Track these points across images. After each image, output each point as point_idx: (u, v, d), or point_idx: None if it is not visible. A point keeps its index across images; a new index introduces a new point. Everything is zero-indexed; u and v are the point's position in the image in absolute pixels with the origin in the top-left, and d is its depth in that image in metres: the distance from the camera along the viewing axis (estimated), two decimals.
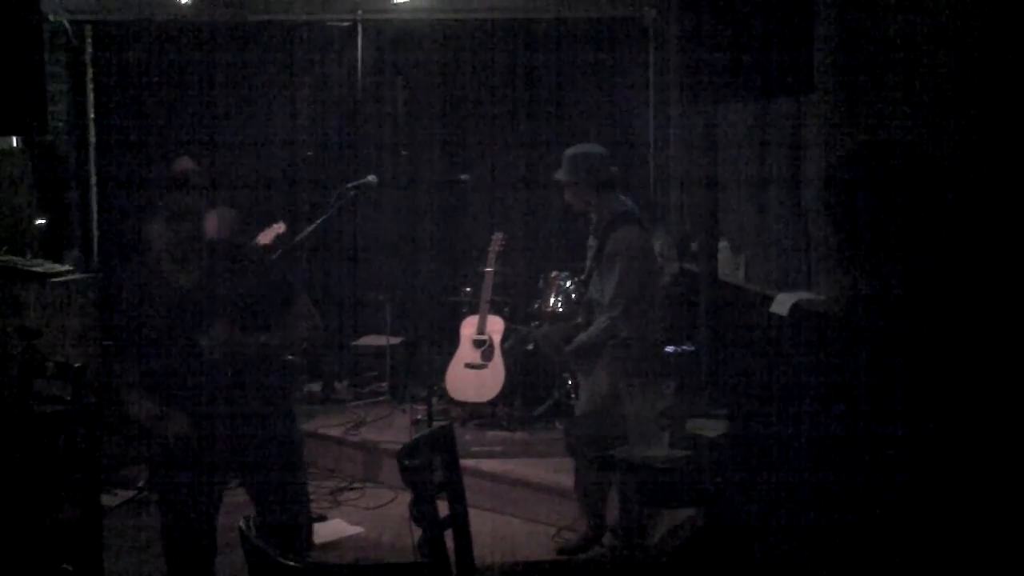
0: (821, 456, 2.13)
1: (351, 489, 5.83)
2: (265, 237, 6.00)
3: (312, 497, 5.75)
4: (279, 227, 6.07)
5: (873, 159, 2.10)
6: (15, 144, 6.60)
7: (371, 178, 5.90)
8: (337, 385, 7.19)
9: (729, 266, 5.73)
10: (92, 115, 6.92)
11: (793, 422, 2.31)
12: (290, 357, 3.90)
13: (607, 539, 4.87)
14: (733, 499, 2.82)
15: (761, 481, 2.48)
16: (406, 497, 3.34)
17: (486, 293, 6.45)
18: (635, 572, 4.32)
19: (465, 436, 6.04)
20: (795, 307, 4.16)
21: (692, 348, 5.33)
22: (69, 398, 3.93)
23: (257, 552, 2.22)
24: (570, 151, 4.78)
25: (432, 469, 3.02)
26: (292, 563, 2.18)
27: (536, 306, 6.20)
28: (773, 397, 2.24)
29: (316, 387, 7.13)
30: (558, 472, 5.33)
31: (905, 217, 2.00)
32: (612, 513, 4.87)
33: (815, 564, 2.16)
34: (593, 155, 4.73)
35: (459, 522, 3.00)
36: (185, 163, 6.16)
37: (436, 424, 4.97)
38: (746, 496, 2.61)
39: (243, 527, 2.25)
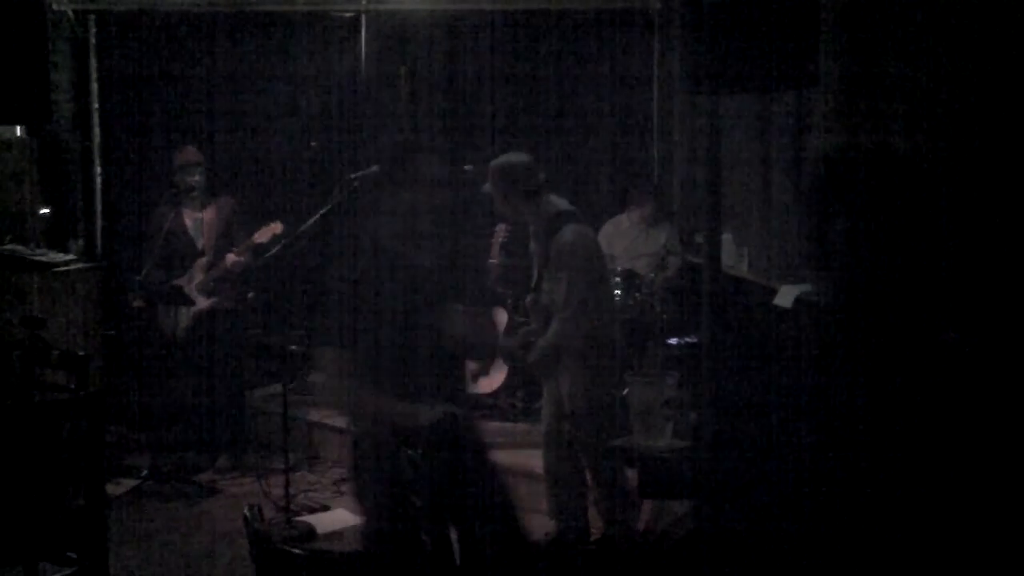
0: (819, 454, 2.13)
1: None
2: (261, 236, 5.89)
3: (315, 487, 5.79)
4: (276, 227, 5.86)
5: (853, 160, 2.09)
6: (19, 134, 6.60)
7: (375, 169, 5.87)
8: None
9: (733, 258, 5.73)
10: (96, 105, 6.91)
11: (792, 418, 2.30)
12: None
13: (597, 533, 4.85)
14: (728, 494, 2.82)
15: (757, 478, 2.48)
16: None
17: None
18: (632, 562, 4.33)
19: None
20: (798, 300, 4.17)
21: (695, 340, 5.33)
22: (73, 387, 3.95)
23: (261, 539, 2.23)
24: (493, 163, 4.62)
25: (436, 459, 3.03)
26: (296, 551, 2.19)
27: None
28: (772, 391, 2.24)
29: (319, 378, 7.11)
30: None
31: (871, 219, 1.99)
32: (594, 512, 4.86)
33: (813, 563, 2.16)
34: (516, 164, 4.58)
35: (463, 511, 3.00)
36: (189, 153, 6.16)
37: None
38: (742, 492, 2.61)
39: (247, 514, 2.26)
